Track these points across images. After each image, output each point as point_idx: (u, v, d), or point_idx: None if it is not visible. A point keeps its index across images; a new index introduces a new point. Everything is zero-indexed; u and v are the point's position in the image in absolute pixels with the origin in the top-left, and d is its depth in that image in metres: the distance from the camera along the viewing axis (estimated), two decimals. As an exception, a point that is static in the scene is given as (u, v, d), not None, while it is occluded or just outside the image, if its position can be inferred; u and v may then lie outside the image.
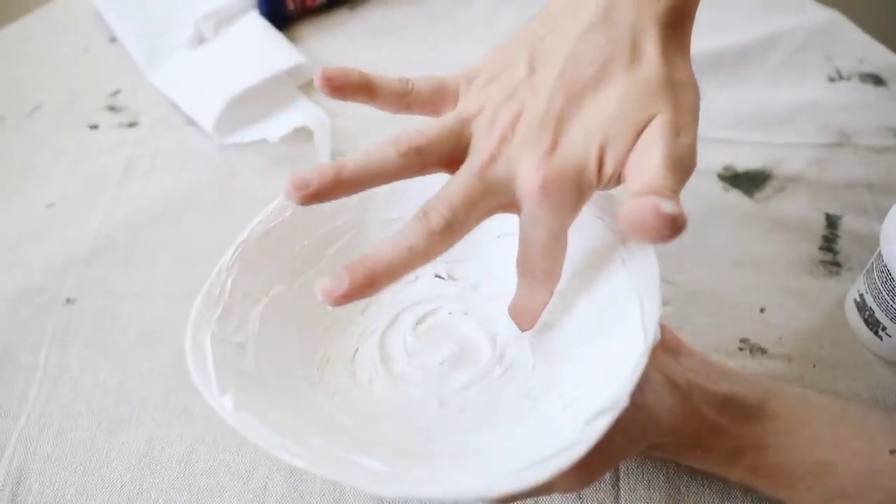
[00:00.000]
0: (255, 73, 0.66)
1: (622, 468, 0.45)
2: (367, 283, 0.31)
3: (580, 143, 0.32)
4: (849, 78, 0.69)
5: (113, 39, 0.76)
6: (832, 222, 0.57)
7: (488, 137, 0.34)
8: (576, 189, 0.32)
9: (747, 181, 0.60)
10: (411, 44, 0.76)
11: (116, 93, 0.71)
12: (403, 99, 0.38)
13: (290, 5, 0.75)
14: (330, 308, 0.32)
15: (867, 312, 0.49)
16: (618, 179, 0.33)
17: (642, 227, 0.28)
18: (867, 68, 0.70)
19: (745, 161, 0.62)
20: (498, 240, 0.44)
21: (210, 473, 0.46)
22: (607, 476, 0.44)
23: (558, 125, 0.33)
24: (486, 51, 0.38)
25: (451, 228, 0.32)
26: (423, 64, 0.72)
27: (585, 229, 0.39)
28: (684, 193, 0.39)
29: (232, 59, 0.70)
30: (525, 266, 0.36)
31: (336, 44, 0.75)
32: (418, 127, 0.34)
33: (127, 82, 0.71)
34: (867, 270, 0.49)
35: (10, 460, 0.47)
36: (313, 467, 0.30)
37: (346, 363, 0.42)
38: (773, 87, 0.68)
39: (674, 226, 0.28)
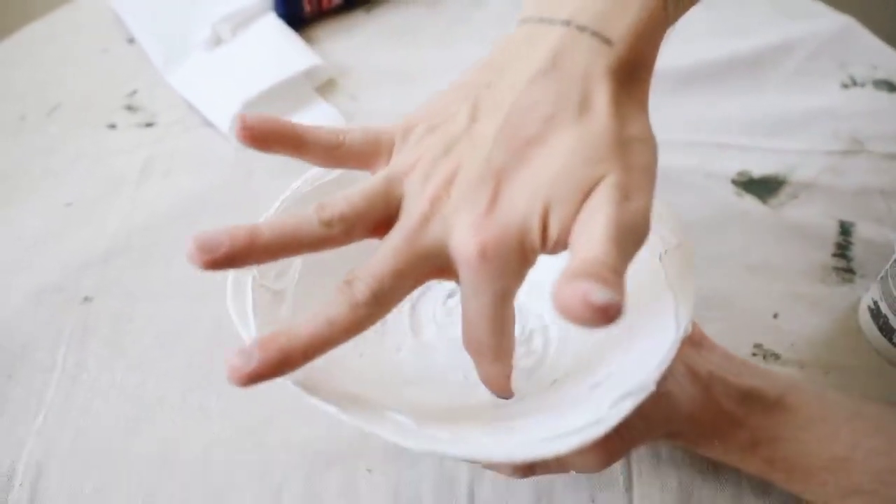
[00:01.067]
0: (271, 75, 0.67)
1: (635, 470, 0.45)
2: (281, 363, 0.28)
3: (522, 203, 0.29)
4: (863, 84, 0.69)
5: (131, 40, 0.76)
6: (846, 229, 0.57)
7: (420, 197, 0.31)
8: (518, 254, 0.30)
9: (761, 187, 0.61)
10: (427, 45, 0.76)
11: (134, 93, 0.71)
12: (333, 153, 0.34)
13: (307, 7, 0.76)
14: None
15: (882, 320, 0.49)
16: (565, 245, 0.30)
17: (570, 314, 0.25)
18: (881, 75, 0.70)
19: (759, 167, 0.62)
20: None
21: (226, 472, 0.46)
22: (620, 479, 0.45)
23: (499, 183, 0.30)
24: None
25: (377, 301, 0.30)
26: (439, 65, 0.73)
27: None
28: (696, 198, 0.39)
29: (249, 61, 0.70)
30: (469, 342, 0.33)
31: (352, 45, 0.76)
32: (345, 192, 0.32)
33: (144, 83, 0.72)
34: (881, 278, 0.49)
35: (29, 456, 0.47)
36: (343, 415, 0.30)
37: (375, 327, 0.42)
38: (787, 94, 0.68)
39: (605, 316, 0.24)
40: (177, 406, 0.50)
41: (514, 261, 0.30)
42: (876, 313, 0.49)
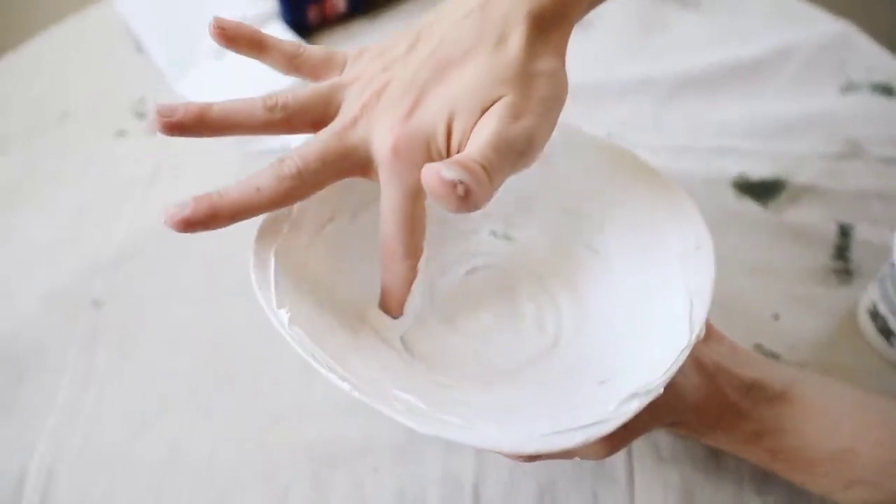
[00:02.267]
0: (279, 83, 0.67)
1: (637, 466, 0.46)
2: (210, 215, 0.33)
3: (433, 111, 0.34)
4: (861, 89, 0.70)
5: (139, 49, 0.77)
6: (844, 231, 0.58)
7: (355, 103, 0.36)
8: (425, 153, 0.34)
9: (761, 190, 0.61)
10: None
11: (143, 100, 0.72)
12: (293, 61, 0.40)
13: (312, 15, 0.77)
14: None
15: (880, 321, 0.49)
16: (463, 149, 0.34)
17: (430, 191, 0.29)
18: (879, 79, 0.70)
19: (759, 170, 0.63)
20: (557, 213, 0.46)
21: (233, 473, 0.47)
22: (622, 476, 0.45)
23: (419, 95, 0.35)
24: None
25: (301, 178, 0.34)
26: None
27: (646, 221, 0.41)
28: (698, 201, 0.40)
29: (255, 69, 0.71)
30: (383, 240, 0.37)
31: (356, 53, 0.77)
32: (293, 88, 0.37)
33: (152, 91, 0.73)
34: (879, 280, 0.50)
35: (40, 459, 0.48)
36: (357, 392, 0.31)
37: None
38: (786, 98, 0.69)
39: (452, 192, 0.29)
40: (184, 408, 0.50)
41: (420, 160, 0.34)
42: (874, 315, 0.50)
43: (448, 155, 0.34)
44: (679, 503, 0.44)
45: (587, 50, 0.75)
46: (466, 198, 0.29)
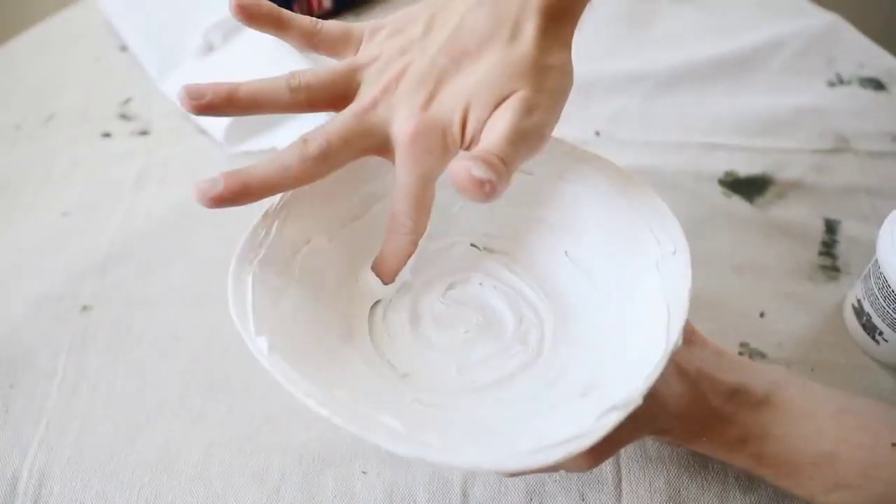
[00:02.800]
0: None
1: (624, 470, 0.46)
2: (241, 191, 0.35)
3: (450, 101, 0.37)
4: (849, 83, 0.70)
5: (123, 48, 0.77)
6: (831, 227, 0.58)
7: (375, 85, 0.38)
8: (441, 142, 0.36)
9: (748, 187, 0.61)
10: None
11: (128, 101, 0.72)
12: (311, 38, 0.41)
13: (297, 13, 0.76)
14: (369, 260, 0.38)
15: (864, 318, 0.50)
16: (478, 141, 0.36)
17: (458, 185, 0.31)
18: (868, 73, 0.70)
19: (746, 167, 0.63)
20: (537, 223, 0.46)
21: (224, 476, 0.47)
22: (609, 478, 0.46)
23: (436, 83, 0.37)
24: None
25: (325, 157, 0.36)
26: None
27: (624, 228, 0.41)
28: (684, 199, 0.41)
29: (241, 68, 0.71)
30: (393, 215, 0.39)
31: (343, 51, 0.76)
32: (313, 68, 0.39)
33: (138, 91, 0.73)
34: (864, 276, 0.50)
35: (31, 464, 0.48)
36: (336, 418, 0.31)
37: (377, 318, 0.43)
38: (774, 93, 0.69)
39: (480, 189, 0.31)
40: (176, 411, 0.50)
41: (437, 146, 0.37)
42: (859, 311, 0.50)
43: (462, 143, 0.37)
44: (665, 503, 0.45)
45: (575, 45, 0.74)
46: (491, 192, 0.31)
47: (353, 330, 0.41)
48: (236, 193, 0.35)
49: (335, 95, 0.39)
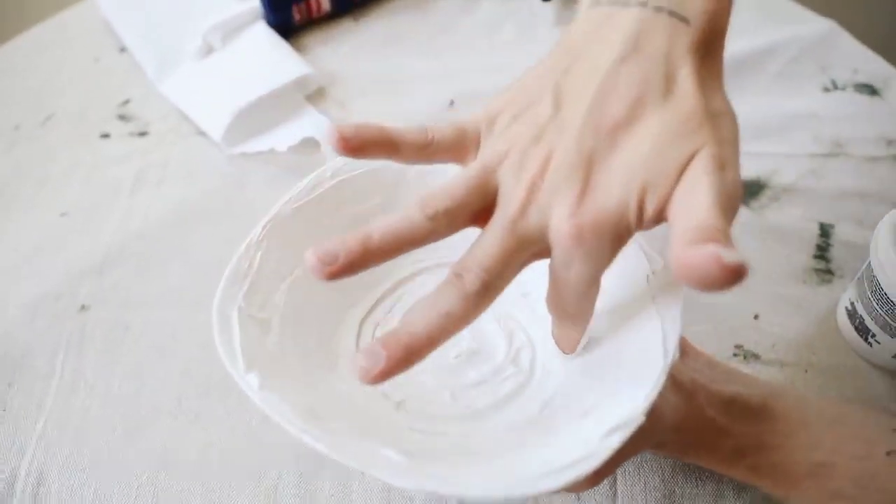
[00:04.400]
0: (262, 84, 0.68)
1: (619, 471, 0.46)
2: (407, 358, 0.30)
3: (616, 186, 0.30)
4: (844, 88, 0.70)
5: (123, 49, 0.77)
6: (825, 231, 0.59)
7: (517, 186, 0.32)
8: (613, 236, 0.30)
9: (743, 191, 0.62)
10: (415, 53, 0.77)
11: (127, 102, 0.72)
12: (425, 151, 0.35)
13: (297, 16, 0.77)
14: (352, 287, 0.33)
15: (857, 320, 0.50)
16: (659, 220, 0.31)
17: (701, 278, 0.26)
18: (862, 78, 0.71)
19: (741, 171, 0.63)
20: None
21: (222, 475, 0.47)
22: (606, 480, 0.46)
23: (590, 167, 0.31)
24: (488, 60, 0.37)
25: (487, 289, 0.31)
26: (427, 72, 0.74)
27: None
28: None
29: (240, 70, 0.71)
30: (555, 306, 0.35)
31: (341, 53, 0.77)
32: (443, 186, 0.32)
33: (137, 92, 0.73)
34: (858, 279, 0.50)
35: (30, 462, 0.48)
36: (335, 454, 0.31)
37: (365, 343, 0.43)
38: (769, 98, 0.70)
39: (736, 277, 0.25)
40: (173, 411, 0.51)
41: (608, 242, 0.31)
42: (852, 314, 0.51)
43: (639, 229, 0.31)
44: (660, 502, 0.45)
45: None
46: (742, 277, 0.25)
47: (343, 359, 0.41)
48: (404, 362, 0.30)
49: (475, 210, 0.32)
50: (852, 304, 0.51)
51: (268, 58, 0.72)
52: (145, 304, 0.56)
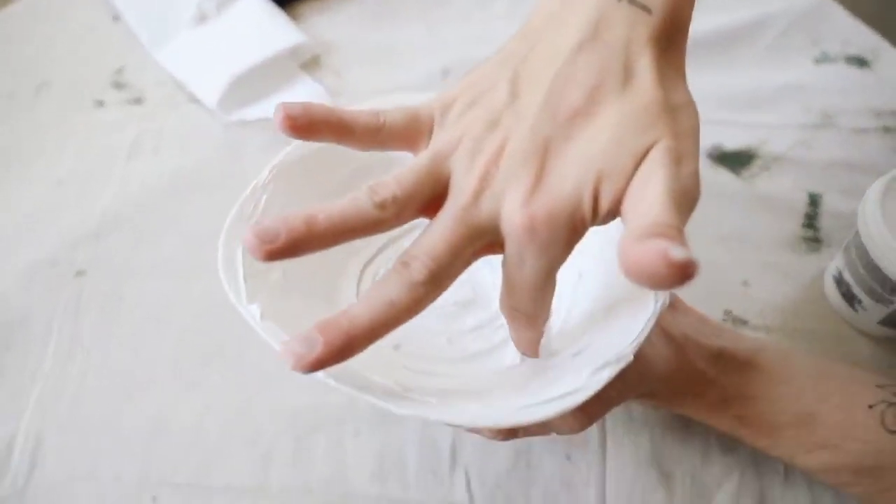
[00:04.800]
0: (257, 52, 0.68)
1: (609, 431, 0.47)
2: (345, 347, 0.28)
3: (572, 175, 0.29)
4: (834, 60, 0.71)
5: (116, 18, 0.77)
6: (814, 200, 0.59)
7: (469, 174, 0.31)
8: (567, 228, 0.29)
9: (734, 160, 0.62)
10: (411, 22, 0.77)
11: (121, 70, 0.72)
12: (377, 136, 0.34)
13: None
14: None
15: (844, 287, 0.51)
16: (614, 215, 0.30)
17: (649, 276, 0.24)
18: (853, 50, 0.71)
19: (733, 141, 0.64)
20: None
21: (217, 439, 0.49)
22: (595, 438, 0.47)
23: (545, 155, 0.30)
24: (482, 32, 0.36)
25: (435, 278, 0.30)
26: (422, 42, 0.74)
27: None
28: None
29: (235, 38, 0.71)
30: (509, 306, 0.34)
31: (336, 22, 0.76)
32: (394, 173, 0.31)
33: (132, 60, 0.73)
34: (845, 247, 0.51)
35: (28, 426, 0.49)
36: (332, 379, 0.31)
37: (366, 286, 0.44)
38: (760, 70, 0.70)
39: (684, 274, 0.24)
40: (169, 377, 0.51)
41: (563, 234, 0.29)
42: (839, 281, 0.52)
43: (595, 222, 0.30)
44: (648, 463, 0.46)
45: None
46: (693, 274, 0.24)
47: (342, 301, 0.42)
48: (341, 351, 0.28)
49: (426, 199, 0.31)
50: (839, 271, 0.52)
51: (263, 26, 0.71)
52: (141, 271, 0.57)
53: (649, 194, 0.28)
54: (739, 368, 0.42)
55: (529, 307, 0.32)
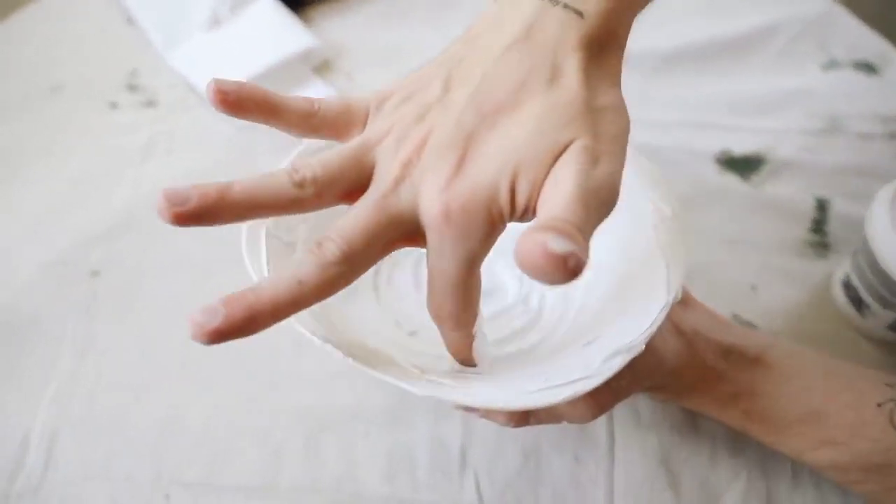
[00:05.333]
0: (269, 56, 0.68)
1: (618, 433, 0.48)
2: (247, 321, 0.28)
3: (490, 167, 0.30)
4: (842, 66, 0.71)
5: (130, 20, 0.77)
6: (822, 206, 0.60)
7: (392, 163, 0.31)
8: (485, 218, 0.30)
9: (743, 165, 0.63)
10: (421, 25, 0.77)
11: (135, 72, 0.72)
12: (309, 121, 0.34)
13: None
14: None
15: (852, 292, 0.51)
16: (534, 211, 0.30)
17: (531, 266, 0.25)
18: (861, 56, 0.72)
19: (741, 146, 0.64)
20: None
21: (228, 437, 0.49)
22: (603, 439, 0.47)
23: (467, 147, 0.30)
24: None
25: (347, 262, 0.30)
26: (433, 44, 0.73)
27: (623, 194, 0.42)
28: (680, 176, 0.42)
29: (247, 42, 0.72)
30: (432, 307, 0.33)
31: (348, 26, 0.77)
32: (319, 155, 0.32)
33: (145, 63, 0.73)
34: (853, 253, 0.51)
35: (43, 424, 0.49)
36: (350, 360, 0.32)
37: (381, 280, 0.45)
38: (769, 75, 0.70)
39: (563, 266, 0.24)
40: (181, 375, 0.52)
41: (480, 224, 0.30)
42: (847, 286, 0.52)
43: (513, 215, 0.30)
44: (657, 465, 0.46)
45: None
46: (576, 269, 0.24)
47: (360, 289, 0.42)
48: (243, 324, 0.28)
49: (348, 185, 0.32)
50: (847, 276, 0.52)
51: (275, 30, 0.72)
52: (154, 271, 0.57)
53: (559, 190, 0.28)
54: (748, 365, 0.42)
55: (452, 305, 0.32)
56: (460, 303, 0.32)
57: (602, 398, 0.37)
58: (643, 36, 0.74)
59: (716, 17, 0.76)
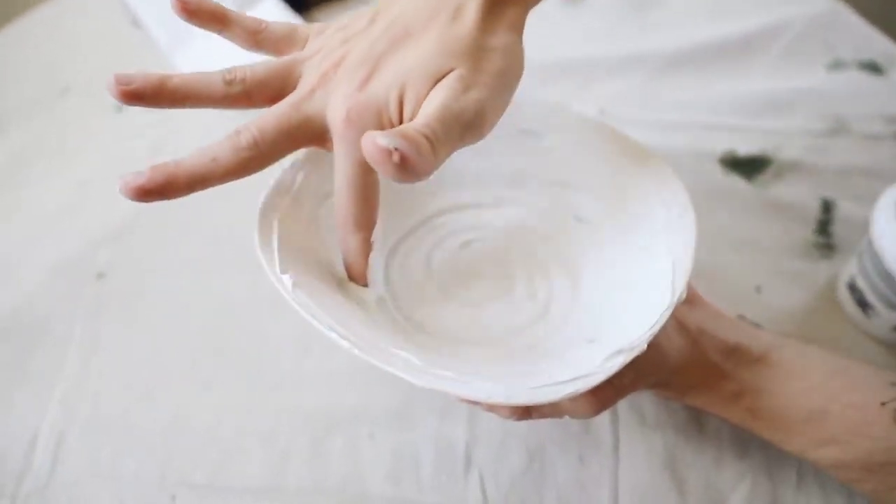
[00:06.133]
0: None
1: (622, 434, 0.48)
2: (166, 184, 0.33)
3: (387, 82, 0.35)
4: (848, 66, 0.71)
5: (135, 22, 0.78)
6: (827, 207, 0.60)
7: (312, 74, 0.37)
8: (377, 123, 0.35)
9: (747, 166, 0.63)
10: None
11: (141, 75, 0.73)
12: (255, 36, 0.40)
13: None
14: (385, 217, 0.37)
15: (858, 293, 0.51)
16: None
17: (368, 158, 0.29)
18: (866, 56, 0.72)
19: (746, 147, 0.64)
20: (548, 185, 0.48)
21: (234, 438, 0.49)
22: (608, 441, 0.47)
23: (375, 66, 0.35)
24: None
25: (258, 149, 0.35)
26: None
27: (634, 193, 0.43)
28: (685, 177, 0.42)
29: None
30: (337, 211, 0.37)
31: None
32: (254, 63, 0.37)
33: (150, 65, 0.73)
34: (859, 254, 0.51)
35: (51, 424, 0.50)
36: (356, 350, 0.33)
37: (392, 272, 0.45)
38: (774, 76, 0.70)
39: (388, 160, 0.29)
40: (187, 377, 0.52)
41: (372, 128, 0.34)
42: (853, 287, 0.52)
43: (401, 123, 0.35)
44: (662, 466, 0.46)
45: (579, 26, 0.76)
46: (403, 166, 0.29)
47: (371, 279, 0.42)
48: (161, 186, 0.33)
49: (274, 90, 0.37)
50: (853, 277, 0.52)
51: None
52: (161, 272, 0.58)
53: (427, 107, 0.33)
54: (753, 363, 0.42)
55: (352, 204, 0.37)
56: (359, 201, 0.36)
57: (604, 395, 0.38)
58: (646, 38, 0.74)
59: (720, 18, 0.76)
